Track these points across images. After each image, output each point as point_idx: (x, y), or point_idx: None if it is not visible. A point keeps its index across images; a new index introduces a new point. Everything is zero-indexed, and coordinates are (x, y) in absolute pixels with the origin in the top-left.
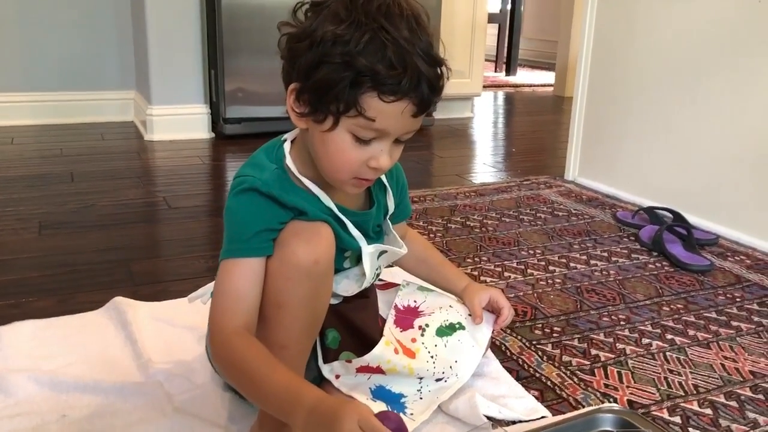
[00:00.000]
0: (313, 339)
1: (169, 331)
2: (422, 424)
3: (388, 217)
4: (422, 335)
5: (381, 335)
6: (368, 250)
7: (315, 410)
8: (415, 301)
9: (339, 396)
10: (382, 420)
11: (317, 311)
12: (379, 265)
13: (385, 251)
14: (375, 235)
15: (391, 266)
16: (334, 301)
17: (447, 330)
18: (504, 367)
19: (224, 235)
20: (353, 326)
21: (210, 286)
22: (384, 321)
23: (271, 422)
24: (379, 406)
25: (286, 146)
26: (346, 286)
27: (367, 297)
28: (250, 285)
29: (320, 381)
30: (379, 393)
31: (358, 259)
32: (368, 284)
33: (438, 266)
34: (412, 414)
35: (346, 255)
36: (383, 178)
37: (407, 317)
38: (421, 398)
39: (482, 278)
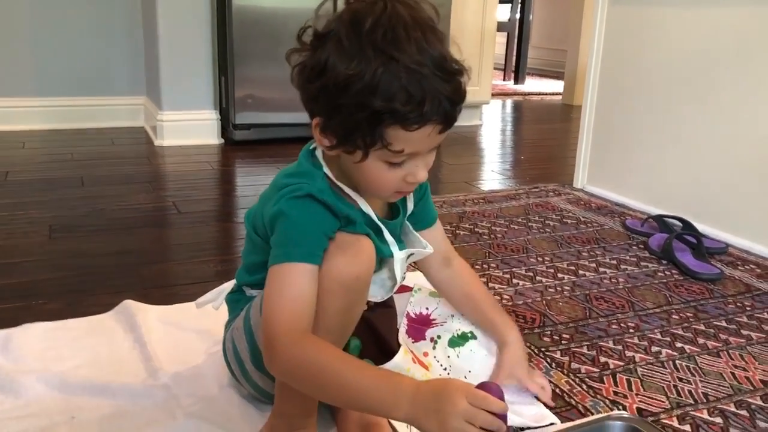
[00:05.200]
0: (340, 348)
1: (178, 334)
2: None
3: (407, 216)
4: (434, 348)
5: (399, 344)
6: (400, 256)
7: (417, 396)
8: (427, 308)
9: (366, 416)
10: (488, 391)
11: (349, 323)
12: (405, 269)
13: (412, 253)
14: (398, 240)
15: (414, 265)
16: None
17: (459, 340)
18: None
19: (277, 239)
20: (376, 334)
21: (219, 291)
22: (397, 330)
23: (282, 425)
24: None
25: (319, 154)
26: (374, 291)
27: (390, 306)
28: (311, 290)
29: None
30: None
31: (380, 263)
32: (397, 287)
33: (484, 307)
34: None
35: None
36: None
37: (419, 327)
38: None
39: (491, 285)
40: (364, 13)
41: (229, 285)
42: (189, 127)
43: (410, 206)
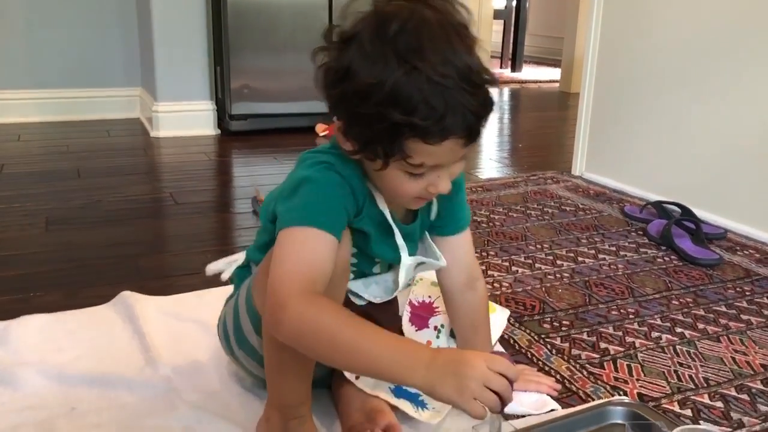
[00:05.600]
0: None
1: (176, 325)
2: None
3: (433, 220)
4: (437, 338)
5: (401, 333)
6: (407, 262)
7: (434, 361)
8: (429, 297)
9: (361, 394)
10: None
11: None
12: (413, 276)
13: (423, 262)
14: (414, 246)
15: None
16: (359, 302)
17: None
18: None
19: (297, 201)
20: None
21: (231, 261)
22: (400, 318)
23: (277, 415)
24: (402, 404)
25: None
26: (375, 292)
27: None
28: (330, 260)
29: (331, 378)
30: (399, 391)
31: (389, 266)
32: (397, 293)
33: (478, 338)
34: (434, 408)
35: (377, 260)
36: None
37: (423, 315)
38: None
39: (490, 272)
40: (390, 16)
41: (241, 256)
42: (185, 117)
43: (434, 211)
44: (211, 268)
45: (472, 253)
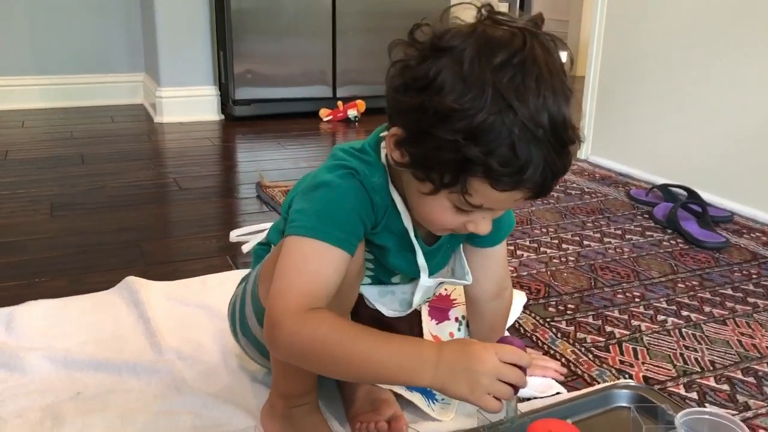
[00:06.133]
0: None
1: (181, 309)
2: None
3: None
4: (459, 330)
5: (415, 329)
6: (426, 284)
7: (442, 359)
8: (446, 290)
9: (371, 386)
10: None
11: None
12: (435, 293)
13: (442, 282)
14: (442, 259)
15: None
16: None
17: None
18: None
19: (311, 206)
20: (388, 326)
21: (256, 230)
22: (417, 314)
23: (282, 402)
24: (415, 397)
25: (383, 150)
26: (390, 304)
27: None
28: (335, 277)
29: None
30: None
31: (411, 278)
32: (412, 310)
33: (492, 336)
34: (443, 399)
35: (396, 272)
36: None
37: (442, 308)
38: None
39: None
40: (499, 43)
41: (266, 228)
42: (188, 103)
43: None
44: (236, 234)
45: (506, 263)
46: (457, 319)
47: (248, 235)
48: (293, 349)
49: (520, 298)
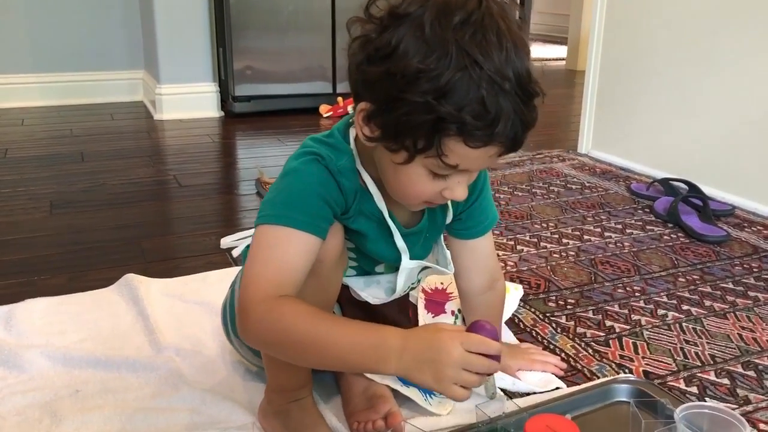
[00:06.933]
0: None
1: (180, 306)
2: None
3: (449, 223)
4: (455, 323)
5: (409, 322)
6: (408, 265)
7: (407, 348)
8: (441, 283)
9: (364, 379)
10: (478, 332)
11: (323, 306)
12: (418, 279)
13: (427, 267)
14: (423, 248)
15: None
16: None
17: None
18: (518, 339)
19: (278, 195)
20: (381, 317)
21: (244, 236)
22: (413, 306)
23: (278, 398)
24: (412, 392)
25: (352, 133)
26: (375, 292)
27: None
28: (303, 262)
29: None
30: (408, 381)
31: (396, 267)
32: (398, 296)
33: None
34: (440, 394)
35: (379, 261)
36: None
37: (438, 301)
38: None
39: (496, 252)
40: (456, 4)
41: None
42: (188, 100)
43: (449, 215)
44: (225, 241)
45: (494, 255)
46: (453, 313)
47: (239, 240)
48: (261, 338)
49: (517, 292)
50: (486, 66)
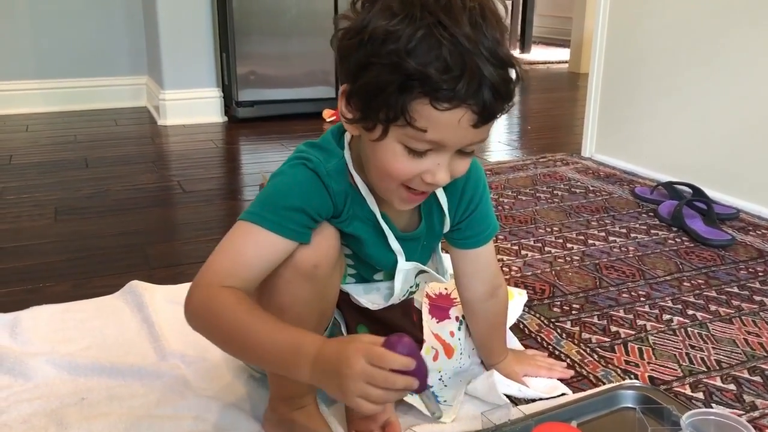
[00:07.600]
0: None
1: None
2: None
3: (447, 232)
4: (459, 329)
5: (413, 327)
6: (404, 267)
7: (319, 358)
8: (446, 289)
9: None
10: (392, 347)
11: (322, 312)
12: (416, 283)
13: (424, 271)
14: (421, 256)
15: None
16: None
17: None
18: (523, 345)
19: (262, 195)
20: (384, 322)
21: None
22: (418, 311)
23: (282, 406)
24: (416, 400)
25: (347, 137)
26: (374, 299)
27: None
28: (260, 259)
29: None
30: None
31: (393, 275)
32: (397, 300)
33: (493, 342)
34: (445, 401)
35: (378, 268)
36: (438, 193)
37: (442, 306)
38: (445, 385)
39: (499, 257)
40: None
41: None
42: (192, 105)
43: (447, 223)
44: None
45: (495, 262)
46: (457, 318)
47: None
48: (196, 322)
49: (521, 297)
50: (450, 27)
